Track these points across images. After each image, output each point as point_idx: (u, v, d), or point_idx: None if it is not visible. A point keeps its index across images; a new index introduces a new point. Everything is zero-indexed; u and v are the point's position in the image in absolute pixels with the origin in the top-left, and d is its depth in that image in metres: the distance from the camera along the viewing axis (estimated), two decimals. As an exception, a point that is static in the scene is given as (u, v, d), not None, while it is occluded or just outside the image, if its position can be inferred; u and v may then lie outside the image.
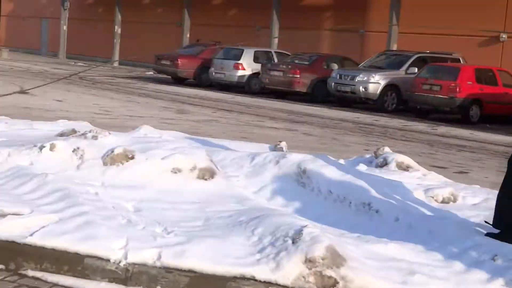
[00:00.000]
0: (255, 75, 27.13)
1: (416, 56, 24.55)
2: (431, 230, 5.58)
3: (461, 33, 26.75)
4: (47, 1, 48.31)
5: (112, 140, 6.98)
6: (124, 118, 14.97)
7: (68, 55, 44.47)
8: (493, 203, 6.69)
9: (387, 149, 8.86)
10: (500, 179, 10.10)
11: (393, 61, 25.15)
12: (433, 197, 6.87)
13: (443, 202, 6.85)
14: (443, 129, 19.30)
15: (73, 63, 39.20)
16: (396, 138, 15.79)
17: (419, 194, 6.91)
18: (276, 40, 34.00)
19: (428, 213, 6.27)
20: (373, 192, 6.59)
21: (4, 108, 14.36)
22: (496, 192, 7.48)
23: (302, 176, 6.83)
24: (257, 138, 13.15)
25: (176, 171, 6.26)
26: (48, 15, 47.87)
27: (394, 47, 28.92)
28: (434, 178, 8.14)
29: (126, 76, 31.49)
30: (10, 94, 17.92)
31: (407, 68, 23.93)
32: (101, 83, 26.03)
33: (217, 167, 6.58)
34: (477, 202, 6.85)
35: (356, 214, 6.26)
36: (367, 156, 9.10)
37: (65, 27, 45.75)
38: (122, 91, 22.87)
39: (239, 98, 24.35)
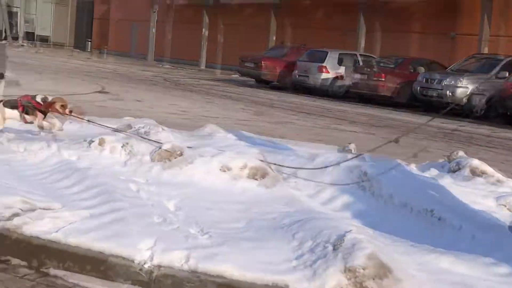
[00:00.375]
0: (339, 78, 26.55)
1: (508, 59, 23.17)
2: (496, 242, 5.05)
3: None
4: (137, 4, 48.83)
5: (165, 136, 6.70)
6: (198, 119, 14.71)
7: (156, 57, 44.81)
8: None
9: (461, 153, 8.28)
10: None
11: (483, 64, 24.00)
12: (505, 206, 6.31)
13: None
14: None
15: (161, 65, 39.50)
16: (480, 145, 15.02)
17: (490, 202, 6.36)
18: (363, 43, 33.41)
19: (497, 222, 5.72)
20: (438, 198, 6.08)
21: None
22: None
23: (363, 179, 6.38)
24: (331, 141, 12.70)
25: (225, 169, 5.90)
26: (138, 18, 48.40)
27: (485, 50, 27.97)
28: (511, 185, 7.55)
29: (210, 79, 31.44)
30: (89, 93, 18.01)
31: (498, 72, 22.80)
32: (184, 84, 26.00)
33: (271, 168, 6.20)
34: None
35: (417, 221, 5.74)
36: (440, 161, 8.53)
37: (153, 30, 46.18)
38: (204, 93, 22.69)
39: (321, 101, 23.86)
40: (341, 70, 26.45)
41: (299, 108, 20.38)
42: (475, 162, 7.81)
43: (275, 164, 6.30)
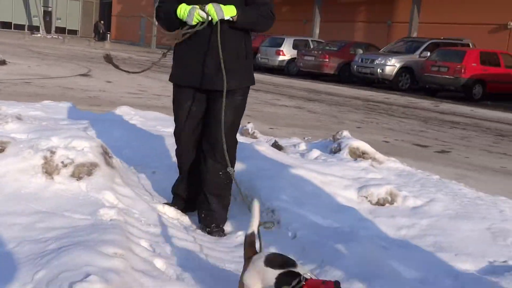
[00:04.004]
0: (293, 60, 24.68)
1: (430, 42, 21.97)
2: (324, 259, 3.17)
3: (473, 22, 25.10)
4: (144, 3, 46.66)
5: (12, 128, 4.74)
6: (149, 97, 12.80)
7: (158, 45, 42.75)
8: (436, 207, 4.21)
9: (345, 133, 6.35)
10: (482, 159, 7.54)
11: (409, 46, 22.32)
12: (366, 197, 4.40)
13: (377, 203, 4.38)
14: (445, 106, 16.51)
15: (160, 51, 37.33)
16: (395, 115, 13.07)
17: (350, 194, 4.44)
18: (317, 31, 32.19)
19: (345, 223, 3.83)
20: (289, 193, 4.17)
21: (51, 89, 12.48)
22: (452, 187, 4.98)
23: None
24: (258, 116, 10.79)
25: (45, 168, 3.98)
26: (145, 14, 46.24)
27: (415, 35, 26.65)
28: (390, 167, 5.64)
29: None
30: (70, 76, 15.99)
31: (421, 52, 21.29)
32: (170, 68, 23.84)
33: (109, 161, 4.24)
34: (418, 205, 4.35)
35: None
36: (329, 140, 6.63)
37: (157, 23, 43.80)
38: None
39: (276, 79, 21.89)
40: (295, 53, 24.67)
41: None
42: (355, 143, 5.90)
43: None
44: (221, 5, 3.47)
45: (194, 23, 3.54)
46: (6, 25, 50.65)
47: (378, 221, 3.95)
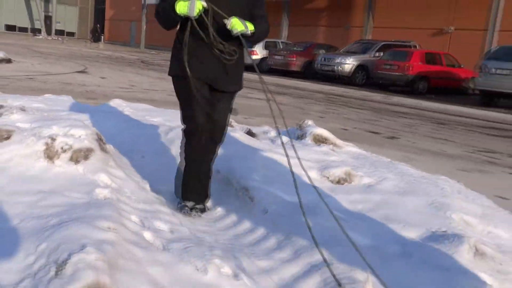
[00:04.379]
0: (265, 59, 24.52)
1: (381, 43, 22.06)
2: (290, 231, 3.18)
3: (419, 27, 25.41)
4: (134, 8, 45.95)
5: (17, 118, 4.65)
6: (139, 91, 12.63)
7: (147, 45, 42.19)
8: (386, 185, 4.25)
9: (310, 122, 6.34)
10: (425, 144, 7.62)
11: (364, 47, 22.40)
12: (327, 177, 4.42)
13: (337, 182, 4.41)
14: (395, 99, 16.64)
15: (149, 52, 36.86)
16: (351, 107, 13.14)
17: (313, 174, 4.46)
18: (285, 34, 32.20)
19: (309, 200, 3.84)
20: (261, 174, 4.17)
21: (52, 84, 12.24)
22: (401, 168, 5.03)
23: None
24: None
25: (47, 153, 3.91)
26: (134, 18, 45.59)
27: (369, 37, 26.80)
28: (348, 151, 5.67)
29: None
30: (68, 73, 15.70)
31: (374, 53, 21.40)
32: (153, 65, 23.61)
33: (104, 147, 4.19)
34: (372, 183, 4.37)
35: (236, 201, 3.89)
36: (296, 127, 6.63)
37: (144, 26, 43.30)
38: (163, 71, 20.32)
39: (250, 75, 21.64)
40: (266, 52, 24.53)
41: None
42: (318, 131, 5.91)
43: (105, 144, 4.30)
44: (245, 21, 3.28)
45: (196, 14, 3.18)
46: (11, 28, 49.51)
47: (338, 197, 3.97)
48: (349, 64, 20.85)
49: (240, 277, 2.44)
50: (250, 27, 3.30)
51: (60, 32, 50.60)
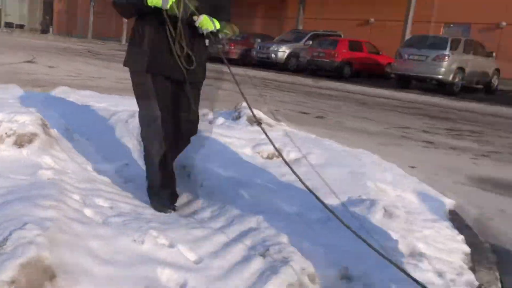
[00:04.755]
0: (207, 47, 24.32)
1: (311, 33, 22.27)
2: (225, 200, 3.18)
3: (345, 18, 25.78)
4: (81, 1, 44.21)
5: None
6: (86, 79, 12.17)
7: (94, 36, 40.75)
8: (312, 158, 4.31)
9: (244, 104, 6.35)
10: (348, 122, 7.78)
11: (296, 36, 22.54)
12: (259, 153, 4.45)
13: (267, 158, 4.44)
14: (323, 83, 16.89)
15: (96, 42, 35.57)
16: (284, 90, 13.25)
17: (247, 151, 4.47)
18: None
19: (242, 174, 3.86)
20: (199, 152, 4.13)
21: (0, 73, 11.58)
22: (325, 143, 5.10)
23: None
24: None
25: (-11, 138, 3.70)
26: (82, 10, 43.85)
27: (301, 27, 26.94)
28: (279, 129, 5.72)
29: (123, 50, 28.16)
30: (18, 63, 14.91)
31: (305, 41, 21.58)
32: (100, 54, 22.79)
33: (47, 132, 4.00)
34: (299, 157, 4.44)
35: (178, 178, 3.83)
36: (232, 110, 6.61)
37: (91, 18, 41.75)
38: (107, 60, 19.58)
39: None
40: (207, 42, 24.21)
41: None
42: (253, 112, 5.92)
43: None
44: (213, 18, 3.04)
45: (168, 6, 2.85)
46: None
47: (268, 171, 4.00)
48: (282, 51, 20.96)
49: (175, 246, 2.42)
50: (217, 25, 3.07)
51: (9, 25, 47.97)
